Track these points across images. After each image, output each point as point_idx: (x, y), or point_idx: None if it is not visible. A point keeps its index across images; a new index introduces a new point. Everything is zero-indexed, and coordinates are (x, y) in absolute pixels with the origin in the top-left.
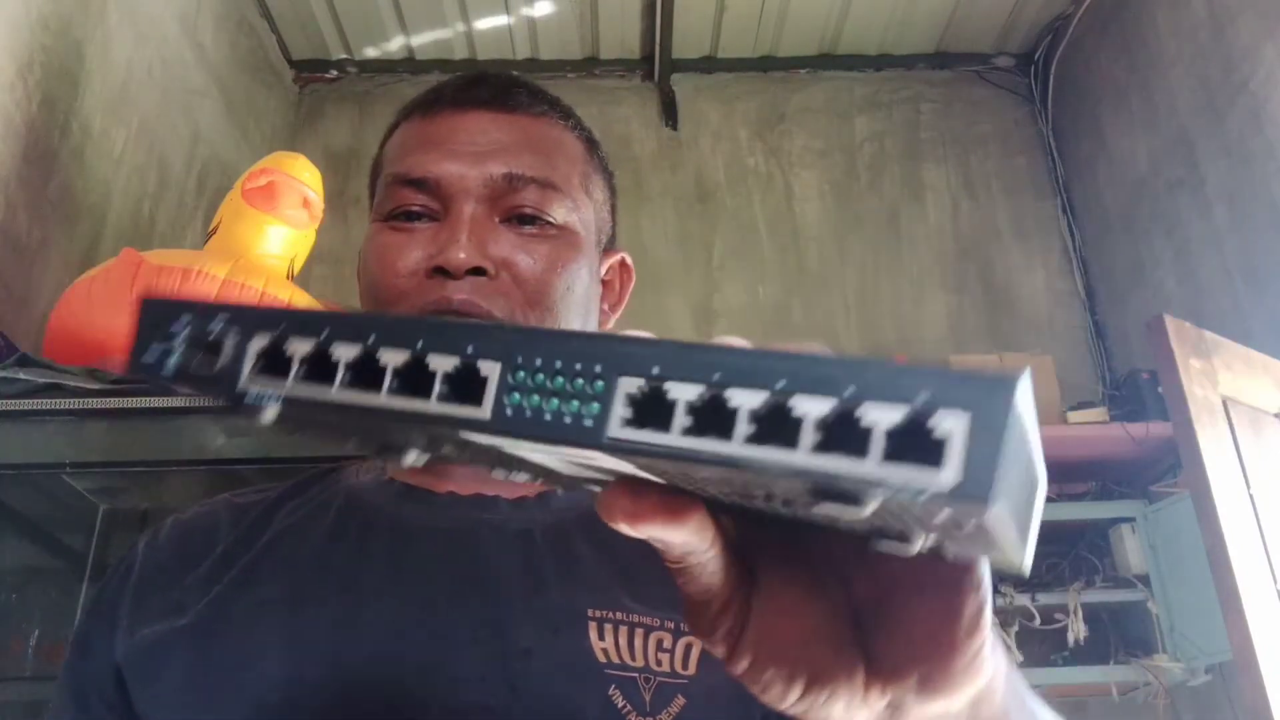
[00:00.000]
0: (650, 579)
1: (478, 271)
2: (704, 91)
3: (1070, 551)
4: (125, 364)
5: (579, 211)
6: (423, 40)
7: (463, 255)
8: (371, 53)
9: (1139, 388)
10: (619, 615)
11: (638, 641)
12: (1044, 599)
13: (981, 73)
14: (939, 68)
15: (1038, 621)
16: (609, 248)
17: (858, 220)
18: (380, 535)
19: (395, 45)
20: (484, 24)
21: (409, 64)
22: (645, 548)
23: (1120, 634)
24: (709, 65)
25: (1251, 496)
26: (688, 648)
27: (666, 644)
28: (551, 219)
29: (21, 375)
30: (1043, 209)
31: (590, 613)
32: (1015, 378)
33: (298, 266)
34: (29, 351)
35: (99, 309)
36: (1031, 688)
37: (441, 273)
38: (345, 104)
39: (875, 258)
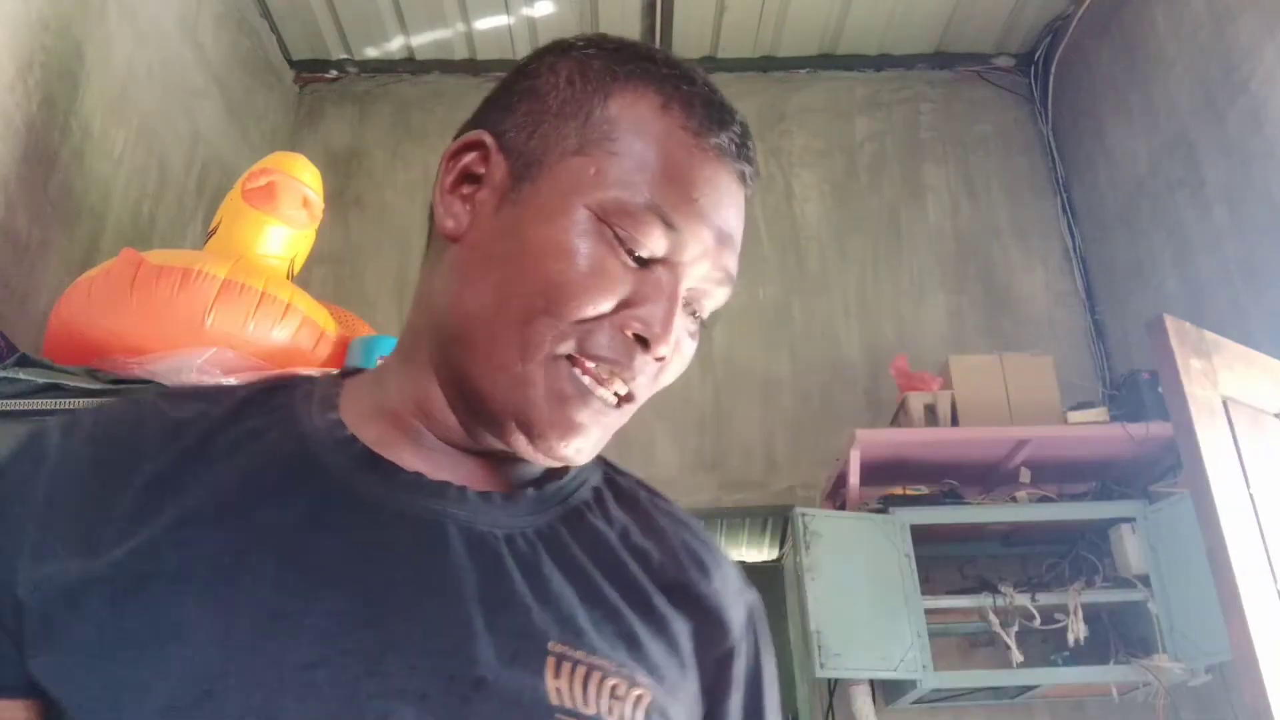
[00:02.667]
0: (611, 613)
1: (660, 359)
2: None
3: (1070, 551)
4: None
5: None
6: (423, 40)
7: (666, 351)
8: (371, 53)
9: (1139, 388)
10: (578, 654)
11: (592, 687)
12: (1044, 599)
13: (981, 73)
14: (939, 68)
15: (1038, 621)
16: None
17: (858, 220)
18: (334, 508)
19: (395, 45)
20: (484, 24)
21: (409, 64)
22: (615, 577)
23: (1120, 634)
24: (709, 65)
25: (1251, 496)
26: (638, 699)
27: (620, 691)
28: (707, 317)
29: (21, 375)
30: (1043, 209)
31: (550, 645)
32: None
33: (298, 266)
34: (29, 351)
35: (99, 309)
36: (1032, 687)
37: (640, 341)
38: (345, 104)
39: (875, 258)
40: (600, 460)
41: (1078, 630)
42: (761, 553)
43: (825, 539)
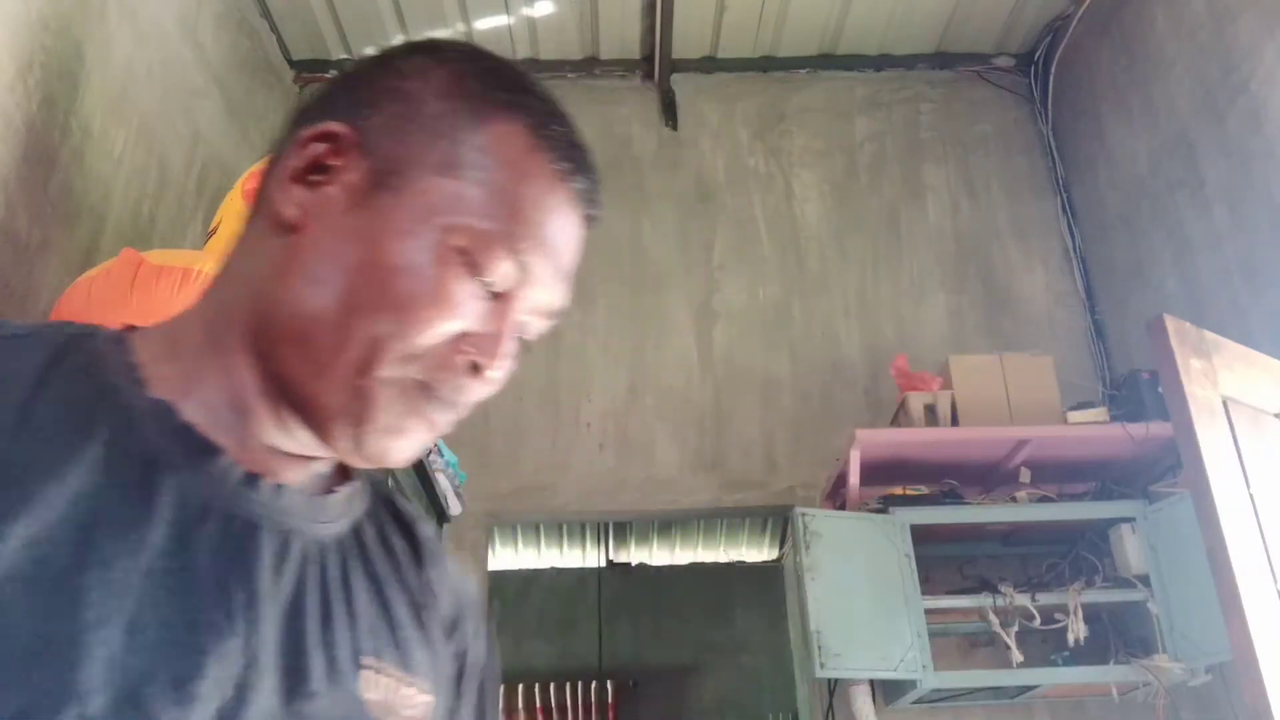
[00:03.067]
0: (400, 623)
1: (488, 383)
2: (704, 91)
3: (1070, 551)
4: None
5: None
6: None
7: (497, 377)
8: (371, 53)
9: (1139, 388)
10: (384, 667)
11: (397, 695)
12: (1044, 599)
13: (981, 73)
14: (939, 68)
15: (1038, 621)
16: None
17: (858, 220)
18: (166, 502)
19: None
20: (484, 24)
21: None
22: (399, 586)
23: (1120, 634)
24: (709, 65)
25: (1251, 496)
26: (425, 705)
27: (413, 700)
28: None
29: None
30: (1043, 209)
31: (363, 660)
32: None
33: None
34: None
35: (99, 309)
36: (1032, 687)
37: (473, 370)
38: None
39: (875, 258)
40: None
41: (1078, 630)
42: (761, 553)
43: (825, 539)
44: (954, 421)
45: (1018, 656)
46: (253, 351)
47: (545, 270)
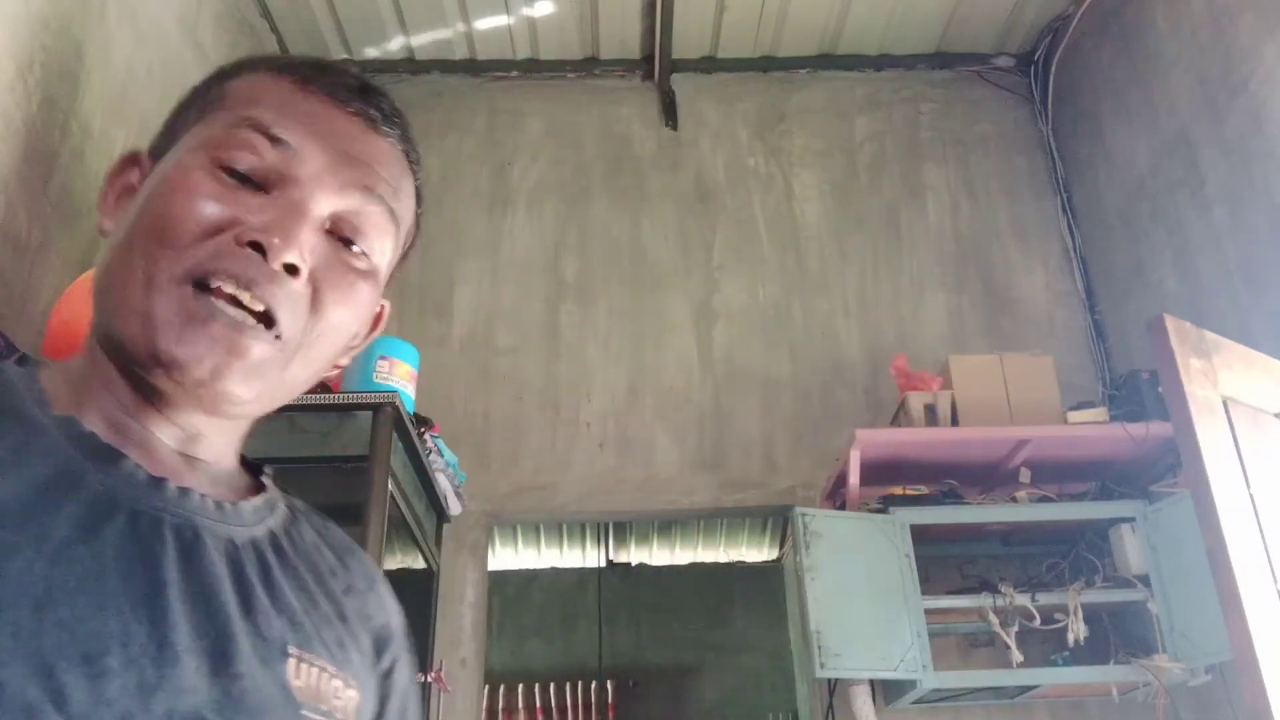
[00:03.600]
0: (325, 619)
1: (291, 270)
2: (704, 91)
3: (1070, 551)
4: None
5: (389, 256)
6: (423, 40)
7: (282, 244)
8: (371, 53)
9: (1139, 388)
10: (311, 656)
11: (324, 686)
12: (1044, 599)
13: (981, 73)
14: (939, 68)
15: (1038, 621)
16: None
17: (858, 220)
18: (72, 498)
19: (395, 45)
20: (484, 24)
21: (409, 64)
22: (321, 586)
23: (1120, 634)
24: (709, 65)
25: (1251, 496)
26: (350, 698)
27: (340, 692)
28: (369, 253)
29: None
30: (1043, 209)
31: (289, 649)
32: None
33: None
34: (29, 351)
35: None
36: (1032, 687)
37: (257, 249)
38: None
39: (875, 258)
40: (279, 486)
41: (1078, 630)
42: (761, 553)
43: (825, 539)
44: (954, 421)
45: (1018, 656)
46: (99, 340)
47: (309, 146)
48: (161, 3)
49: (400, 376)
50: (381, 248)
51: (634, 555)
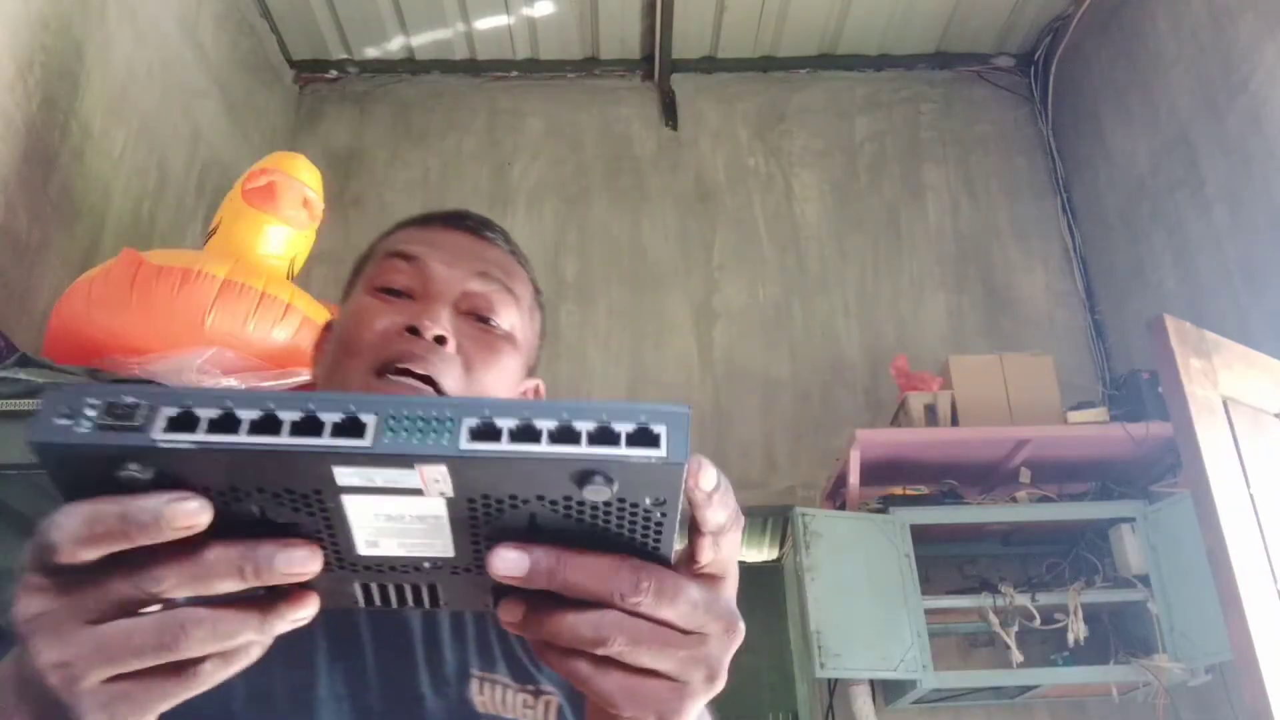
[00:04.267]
0: (502, 635)
1: (440, 340)
2: (704, 91)
3: (1070, 551)
4: (36, 436)
5: (521, 328)
6: (423, 40)
7: (429, 322)
8: (371, 53)
9: (1139, 388)
10: (494, 677)
11: (508, 698)
12: (1044, 599)
13: (981, 73)
14: (939, 68)
15: (1038, 621)
16: (531, 373)
17: (858, 220)
18: None
19: (395, 45)
20: (484, 24)
21: (409, 64)
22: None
23: (1120, 634)
24: (709, 65)
25: (1251, 496)
26: (547, 704)
27: (530, 702)
28: (500, 324)
29: (21, 375)
30: (1043, 209)
31: (473, 672)
32: (686, 411)
33: (298, 266)
34: (29, 351)
35: (99, 309)
36: (1032, 687)
37: (413, 332)
38: (345, 104)
39: (875, 258)
40: None
41: (1078, 630)
42: (761, 553)
43: (825, 539)
44: (954, 421)
45: (1018, 656)
46: None
47: (432, 253)
48: (161, 3)
49: None
50: (509, 317)
51: None
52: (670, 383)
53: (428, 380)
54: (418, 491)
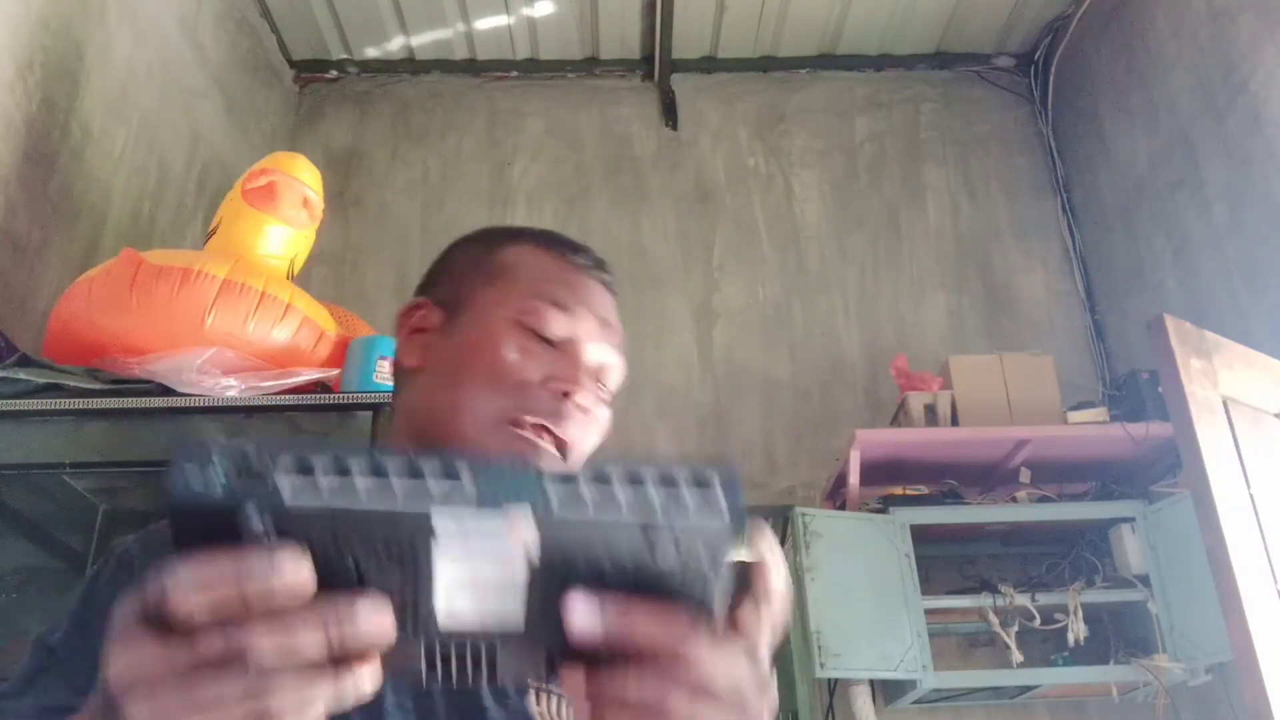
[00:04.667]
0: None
1: (581, 409)
2: (704, 91)
3: (1070, 551)
4: (175, 489)
5: None
6: (423, 40)
7: (580, 392)
8: (371, 53)
9: (1139, 388)
10: (551, 688)
11: (563, 710)
12: (1044, 599)
13: (981, 73)
14: (939, 68)
15: (1038, 621)
16: None
17: (858, 220)
18: None
19: (395, 45)
20: (484, 24)
21: (409, 64)
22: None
23: (1120, 634)
24: (709, 65)
25: (1251, 496)
26: None
27: None
28: (610, 391)
29: (21, 375)
30: (1043, 209)
31: (531, 682)
32: (736, 473)
33: (298, 266)
34: (29, 351)
35: (99, 309)
36: (1032, 687)
37: (564, 396)
38: (345, 104)
39: (875, 258)
40: None
41: (1078, 630)
42: None
43: (825, 539)
44: (954, 421)
45: (1018, 656)
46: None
47: (586, 314)
48: (161, 3)
49: None
50: (617, 385)
51: None
52: (670, 383)
53: (559, 443)
54: (505, 547)
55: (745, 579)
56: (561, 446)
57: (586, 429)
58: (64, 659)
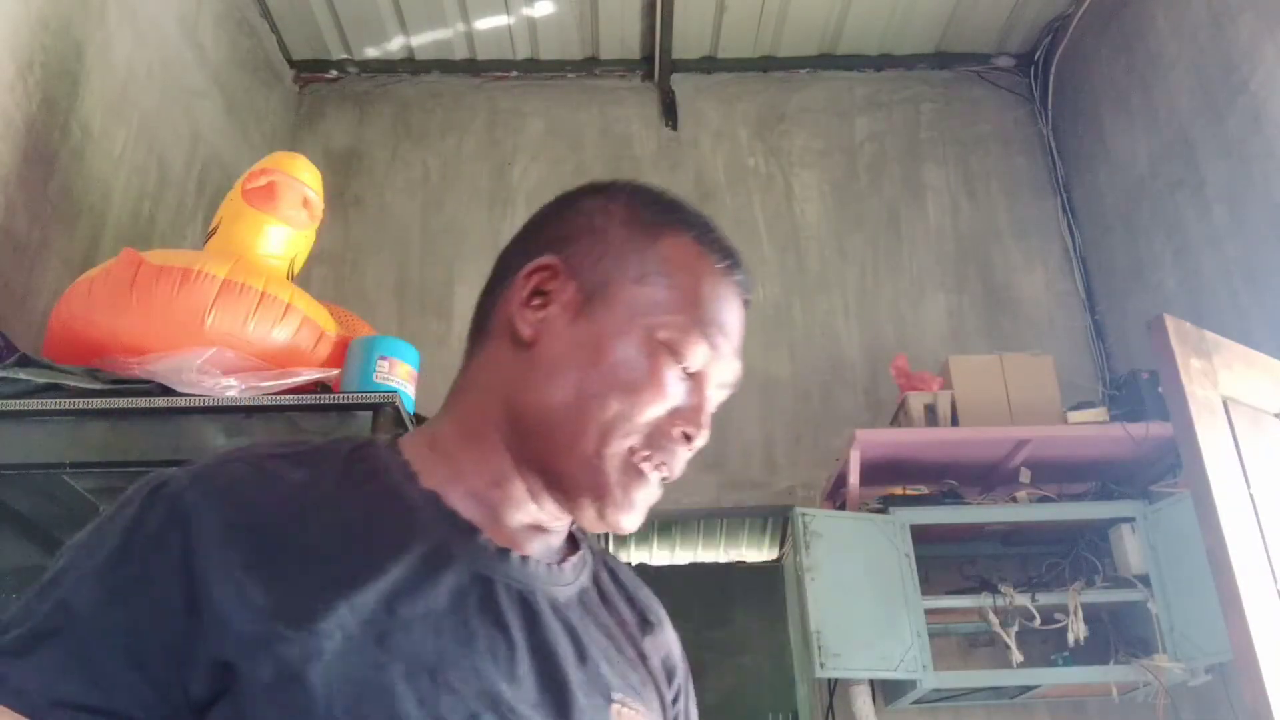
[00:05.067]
0: (631, 665)
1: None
2: (704, 91)
3: (1070, 551)
4: None
5: None
6: (423, 40)
7: (700, 436)
8: (371, 53)
9: (1139, 388)
10: (629, 701)
11: None
12: (1044, 599)
13: (981, 73)
14: (939, 68)
15: (1038, 621)
16: None
17: (858, 220)
18: (446, 572)
19: (395, 45)
20: (484, 24)
21: (409, 64)
22: (624, 634)
23: (1120, 634)
24: (709, 65)
25: (1251, 496)
26: None
27: None
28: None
29: (21, 375)
30: (1043, 209)
31: (612, 695)
32: None
33: (298, 266)
34: (29, 351)
35: (99, 309)
36: (1032, 687)
37: (685, 438)
38: (345, 104)
39: (875, 258)
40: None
41: (1078, 630)
42: (761, 553)
43: (825, 539)
44: (954, 421)
45: (1018, 656)
46: (506, 443)
47: (727, 349)
48: (161, 3)
49: (400, 376)
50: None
51: (634, 555)
52: None
53: (668, 478)
54: None
55: None
56: (666, 479)
57: (683, 465)
58: (85, 628)
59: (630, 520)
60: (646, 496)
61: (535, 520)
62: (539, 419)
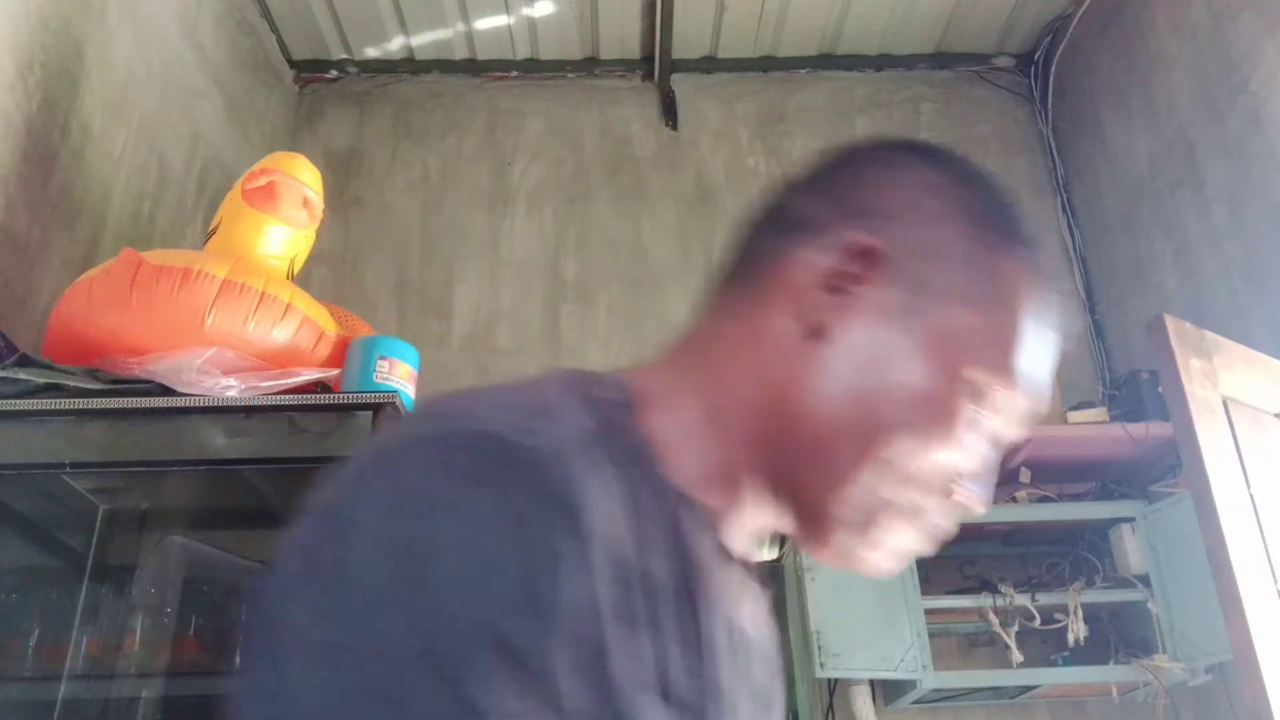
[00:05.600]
0: (776, 672)
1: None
2: (704, 91)
3: (1070, 551)
4: None
5: None
6: (423, 40)
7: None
8: (371, 53)
9: (1139, 388)
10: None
11: None
12: (1044, 599)
13: (981, 73)
14: (939, 68)
15: (1038, 621)
16: None
17: None
18: (720, 592)
19: (395, 45)
20: (484, 24)
21: (409, 64)
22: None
23: (1120, 634)
24: (709, 65)
25: (1251, 496)
26: None
27: None
28: None
29: (21, 375)
30: (1043, 209)
31: (775, 699)
32: None
33: (298, 266)
34: (29, 351)
35: (99, 309)
36: (1032, 687)
37: (960, 507)
38: (345, 104)
39: None
40: None
41: (1078, 630)
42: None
43: None
44: None
45: (1018, 656)
46: (758, 445)
47: (1031, 410)
48: (161, 3)
49: (400, 376)
50: None
51: None
52: None
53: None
54: None
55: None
56: (908, 552)
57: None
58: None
59: (875, 563)
60: (902, 551)
61: (759, 522)
62: (809, 435)
